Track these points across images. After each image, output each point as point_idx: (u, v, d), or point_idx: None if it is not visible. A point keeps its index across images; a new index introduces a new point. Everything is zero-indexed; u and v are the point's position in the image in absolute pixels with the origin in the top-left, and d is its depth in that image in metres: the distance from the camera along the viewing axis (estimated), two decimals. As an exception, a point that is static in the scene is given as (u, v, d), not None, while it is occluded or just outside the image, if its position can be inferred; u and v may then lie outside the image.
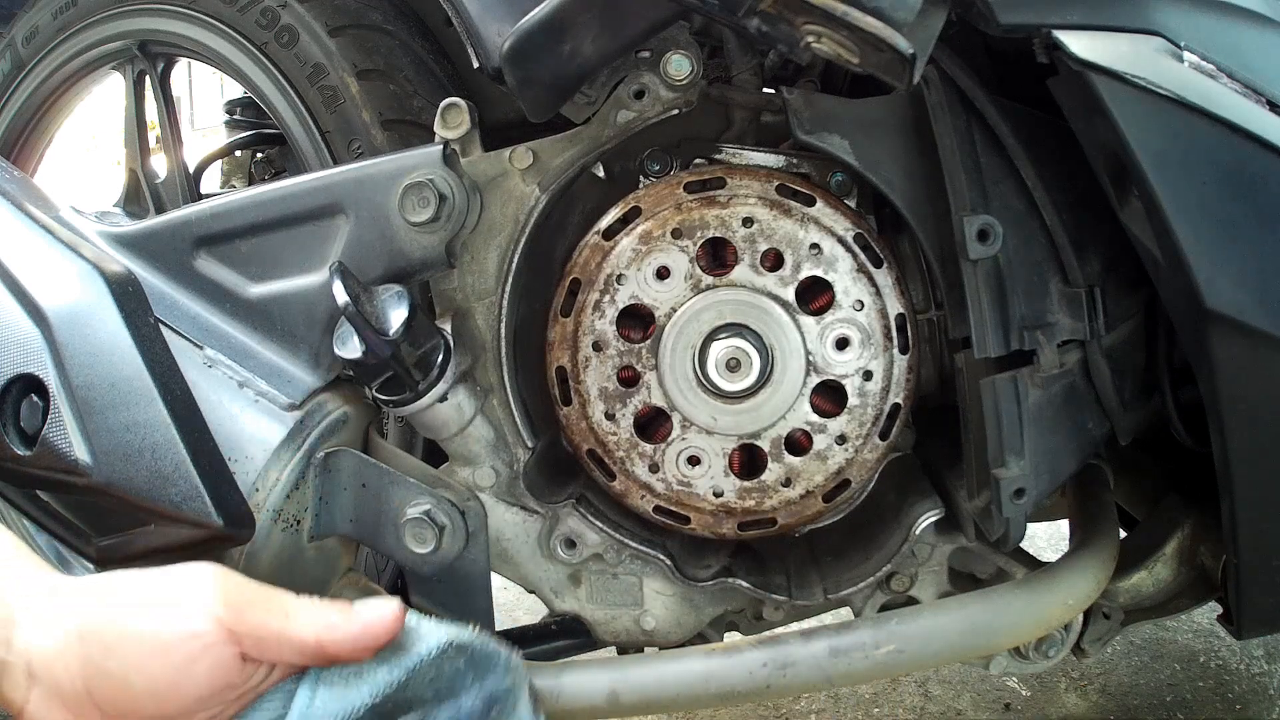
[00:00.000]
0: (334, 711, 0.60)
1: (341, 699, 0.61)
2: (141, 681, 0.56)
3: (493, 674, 0.67)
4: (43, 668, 0.56)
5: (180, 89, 2.86)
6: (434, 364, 0.87)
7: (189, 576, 0.60)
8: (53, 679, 0.56)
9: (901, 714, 1.50)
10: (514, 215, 0.93)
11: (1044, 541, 1.93)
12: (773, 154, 0.98)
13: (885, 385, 0.95)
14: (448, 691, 0.65)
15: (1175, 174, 0.73)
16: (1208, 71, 0.74)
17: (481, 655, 0.67)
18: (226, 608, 0.58)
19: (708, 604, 1.00)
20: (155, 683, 0.56)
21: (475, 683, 0.66)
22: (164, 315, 0.88)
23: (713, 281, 0.94)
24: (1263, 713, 1.49)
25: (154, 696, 0.56)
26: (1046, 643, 0.99)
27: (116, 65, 1.42)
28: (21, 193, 0.88)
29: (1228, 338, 0.76)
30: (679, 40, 0.90)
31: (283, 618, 0.60)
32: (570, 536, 0.98)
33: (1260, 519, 0.84)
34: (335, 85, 1.19)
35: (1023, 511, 0.87)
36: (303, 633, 0.60)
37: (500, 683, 0.68)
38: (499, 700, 0.68)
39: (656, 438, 0.98)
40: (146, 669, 0.56)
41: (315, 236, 0.89)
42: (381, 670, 0.62)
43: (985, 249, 0.83)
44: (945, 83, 0.85)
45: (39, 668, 0.56)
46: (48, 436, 0.76)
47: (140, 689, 0.56)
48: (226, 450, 0.82)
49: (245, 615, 0.59)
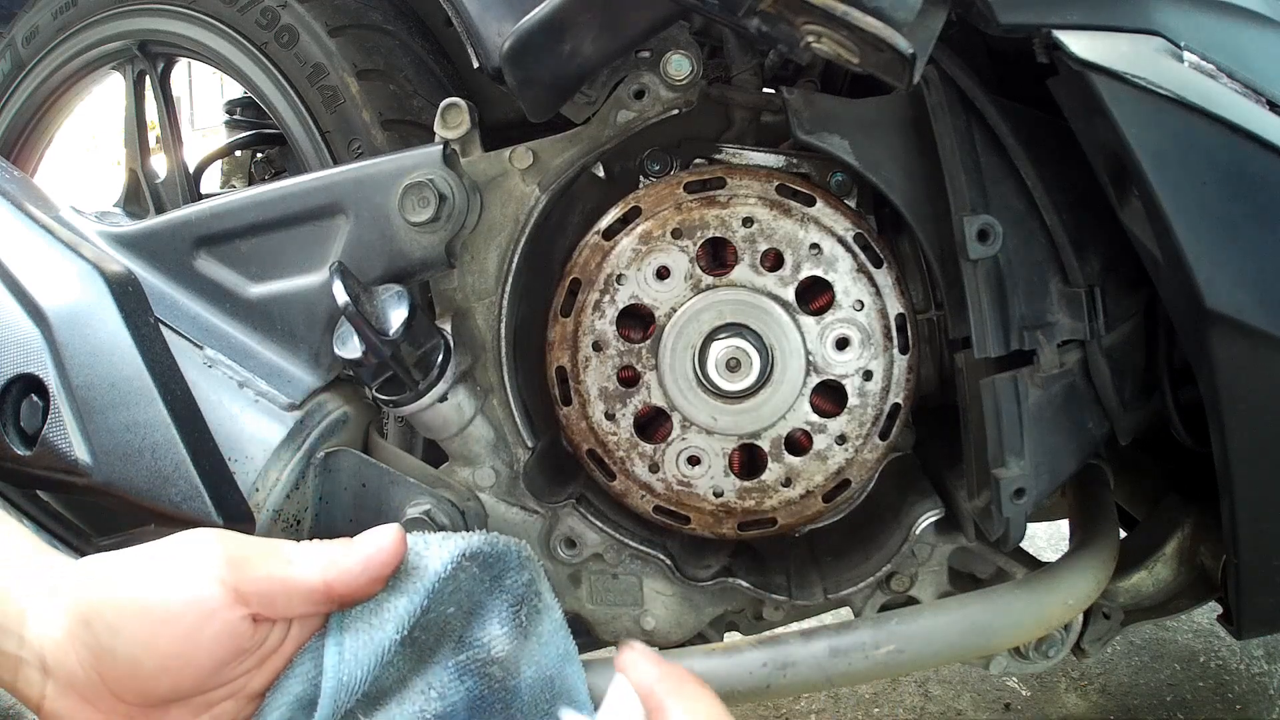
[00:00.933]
0: (367, 658, 0.58)
1: (370, 643, 0.58)
2: (151, 658, 0.54)
3: (510, 572, 0.65)
4: (55, 660, 0.54)
5: (180, 89, 2.86)
6: (434, 364, 0.87)
7: (188, 543, 0.57)
8: (65, 670, 0.54)
9: (901, 714, 1.50)
10: (514, 215, 0.93)
11: (1044, 541, 1.94)
12: (773, 154, 0.98)
13: (885, 385, 0.95)
14: (470, 603, 0.63)
15: (1175, 174, 0.73)
16: (1208, 71, 0.74)
17: (493, 557, 0.65)
18: (229, 567, 0.55)
19: (708, 604, 1.00)
20: (165, 657, 0.54)
21: (495, 587, 0.64)
22: (164, 315, 0.88)
23: (713, 281, 0.94)
24: (1263, 713, 1.49)
25: (166, 672, 0.54)
26: (1046, 643, 0.99)
27: (116, 65, 1.42)
28: (21, 193, 0.88)
29: (1228, 338, 0.76)
30: (679, 40, 0.90)
31: (285, 566, 0.57)
32: (570, 536, 0.98)
33: (1260, 519, 0.84)
34: (335, 85, 1.19)
35: (1023, 511, 0.87)
36: (308, 577, 0.57)
37: (519, 578, 0.65)
38: (524, 599, 0.65)
39: (656, 438, 0.98)
40: (154, 644, 0.54)
41: (315, 236, 0.89)
42: (401, 601, 0.60)
43: (985, 249, 0.83)
44: (945, 83, 0.85)
45: (51, 661, 0.55)
46: (48, 436, 0.76)
47: (151, 666, 0.54)
48: (226, 450, 0.82)
49: (247, 571, 0.56)
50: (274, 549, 0.58)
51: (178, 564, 0.56)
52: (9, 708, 1.56)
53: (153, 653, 0.54)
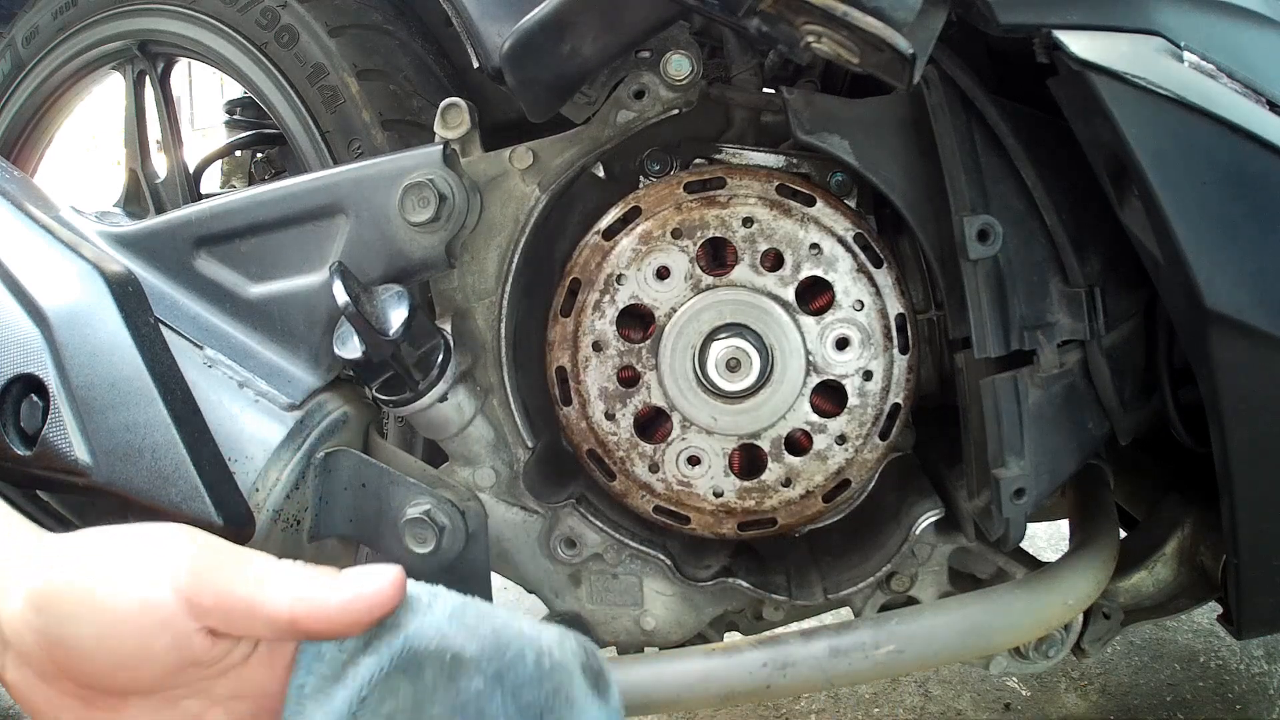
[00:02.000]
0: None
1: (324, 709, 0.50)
2: (101, 655, 0.51)
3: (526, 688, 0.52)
4: (12, 635, 0.52)
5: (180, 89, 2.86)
6: (434, 364, 0.87)
7: (156, 539, 0.53)
8: (22, 647, 0.52)
9: (901, 714, 1.50)
10: (514, 215, 0.93)
11: (1044, 541, 1.93)
12: (773, 154, 0.98)
13: (885, 385, 0.95)
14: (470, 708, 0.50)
15: (1175, 174, 0.73)
16: (1208, 71, 0.74)
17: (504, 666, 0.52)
18: (191, 575, 0.51)
19: (708, 604, 1.00)
20: (115, 655, 0.51)
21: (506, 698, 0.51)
22: (164, 315, 0.88)
23: (713, 281, 0.94)
24: (1263, 713, 1.49)
25: (120, 669, 0.51)
26: (1046, 643, 0.99)
27: (116, 65, 1.42)
28: (21, 193, 0.88)
29: (1228, 338, 0.76)
30: (679, 40, 0.90)
31: (254, 585, 0.52)
32: (570, 536, 0.98)
33: (1260, 519, 0.84)
34: (335, 85, 1.19)
35: (1023, 511, 0.87)
36: (275, 604, 0.51)
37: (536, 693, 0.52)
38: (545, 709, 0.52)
39: (656, 438, 0.98)
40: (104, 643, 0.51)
41: (315, 236, 0.89)
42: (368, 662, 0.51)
43: (985, 249, 0.83)
44: (945, 83, 0.85)
45: (9, 635, 0.52)
46: (48, 436, 0.76)
47: (102, 663, 0.51)
48: (226, 450, 0.82)
49: (211, 583, 0.51)
50: (247, 561, 0.54)
51: (138, 564, 0.52)
52: (9, 707, 1.56)
53: (103, 650, 0.51)
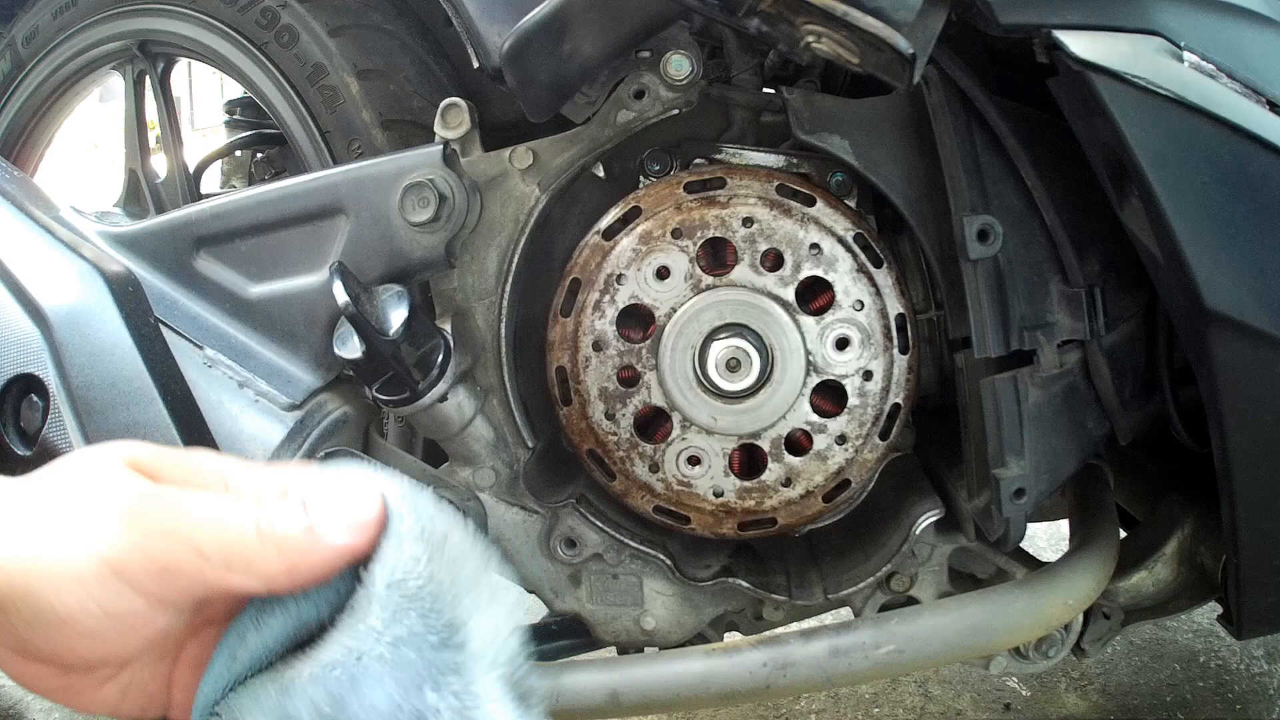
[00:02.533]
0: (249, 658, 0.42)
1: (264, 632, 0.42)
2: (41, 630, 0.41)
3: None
4: None
5: (180, 89, 2.87)
6: (434, 364, 0.87)
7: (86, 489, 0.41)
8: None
9: (901, 714, 1.50)
10: (514, 215, 0.93)
11: (1044, 541, 1.93)
12: (773, 154, 0.98)
13: (885, 385, 0.95)
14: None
15: (1175, 174, 0.73)
16: (1208, 71, 0.74)
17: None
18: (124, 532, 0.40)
19: (708, 604, 1.00)
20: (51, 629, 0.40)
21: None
22: (164, 315, 0.88)
23: (713, 281, 0.94)
24: (1263, 713, 1.49)
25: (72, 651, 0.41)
26: (1046, 643, 0.99)
27: (116, 65, 1.42)
28: (21, 193, 0.88)
29: (1228, 338, 0.76)
30: (679, 40, 0.90)
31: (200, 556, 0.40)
32: (570, 536, 0.98)
33: (1260, 519, 0.84)
34: (335, 85, 1.19)
35: (1023, 511, 0.87)
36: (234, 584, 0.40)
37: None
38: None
39: (656, 438, 0.98)
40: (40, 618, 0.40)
41: (315, 236, 0.89)
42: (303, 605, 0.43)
43: (985, 249, 0.83)
44: (945, 83, 0.85)
45: None
46: (48, 436, 0.76)
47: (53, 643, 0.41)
48: (226, 450, 0.82)
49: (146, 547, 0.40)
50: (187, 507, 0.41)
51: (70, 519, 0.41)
52: (9, 708, 1.56)
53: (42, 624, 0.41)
